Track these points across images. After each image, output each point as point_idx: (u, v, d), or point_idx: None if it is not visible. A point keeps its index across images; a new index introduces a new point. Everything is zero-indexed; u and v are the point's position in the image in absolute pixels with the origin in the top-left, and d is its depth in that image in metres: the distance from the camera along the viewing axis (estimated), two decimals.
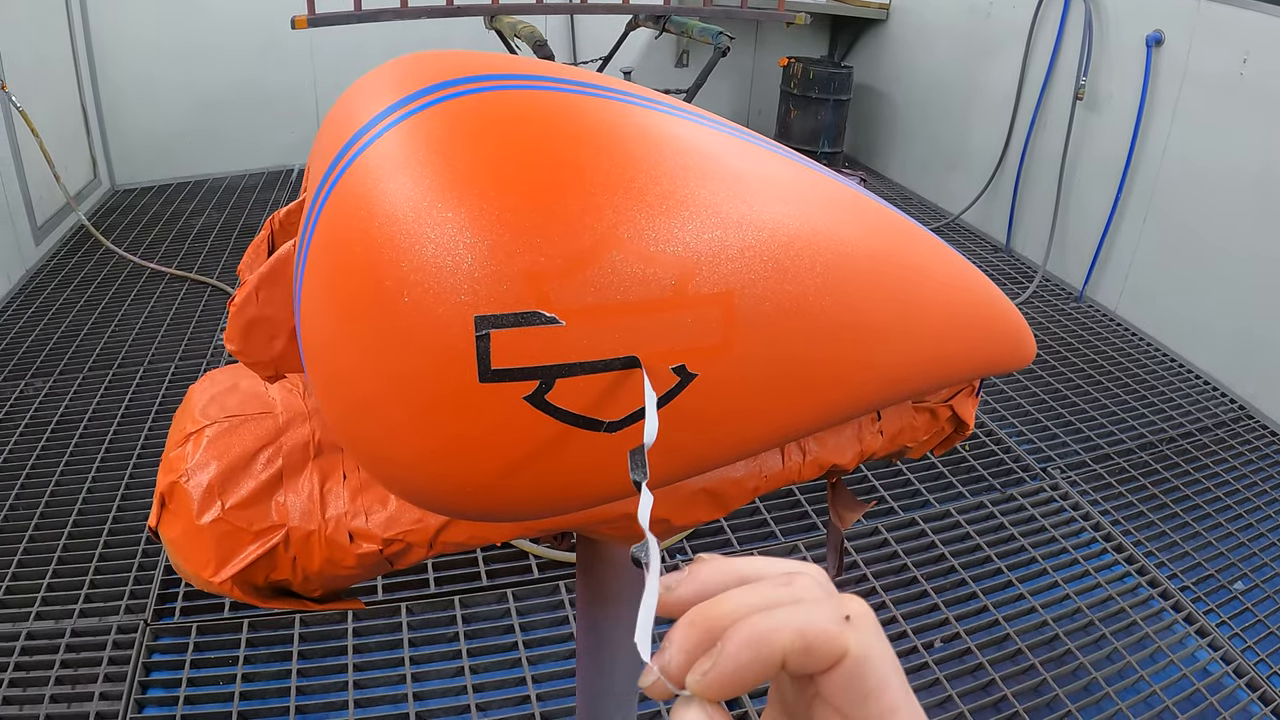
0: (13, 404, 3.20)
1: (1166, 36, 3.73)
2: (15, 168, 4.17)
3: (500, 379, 0.50)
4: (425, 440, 0.52)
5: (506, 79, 0.61)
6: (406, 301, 0.49)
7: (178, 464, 0.77)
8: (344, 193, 0.55)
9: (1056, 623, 2.36)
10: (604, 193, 0.51)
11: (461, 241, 0.49)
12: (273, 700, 2.07)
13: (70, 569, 2.44)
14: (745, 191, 0.59)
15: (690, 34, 3.15)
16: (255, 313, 0.69)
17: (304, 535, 0.73)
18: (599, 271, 0.50)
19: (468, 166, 0.52)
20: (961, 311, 0.79)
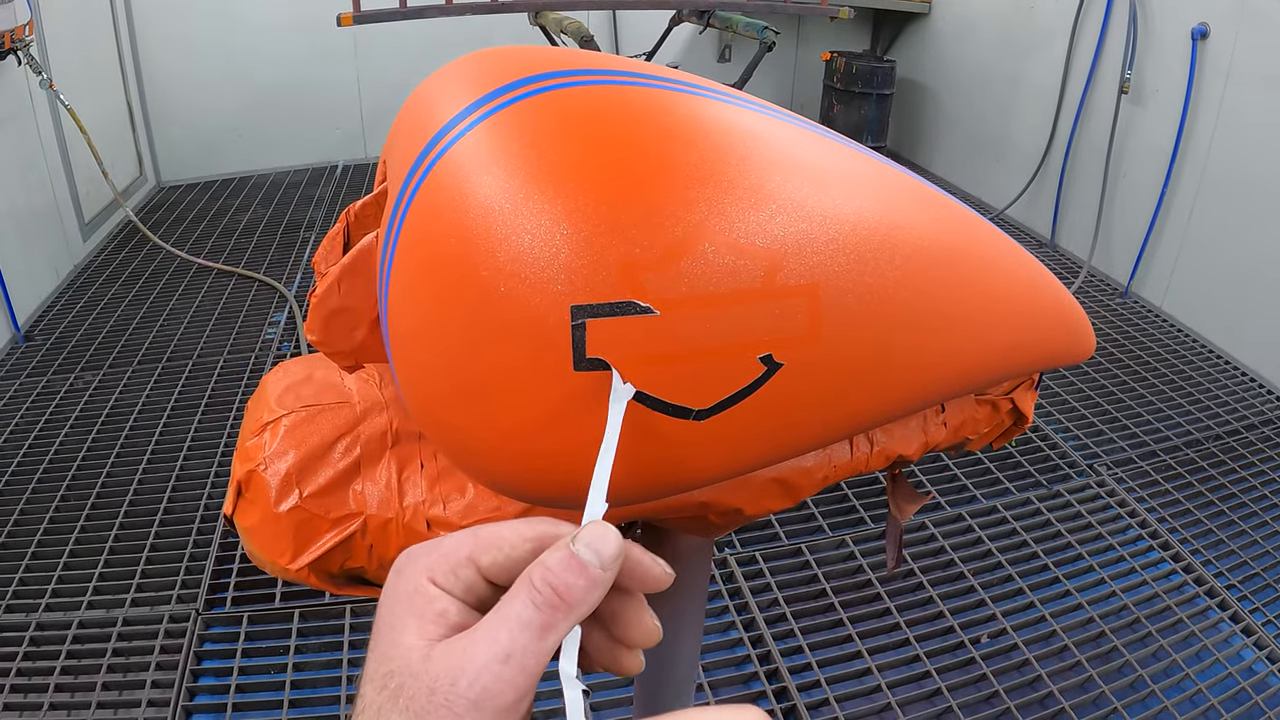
0: (63, 396, 3.26)
1: (1212, 30, 3.68)
2: (63, 165, 4.24)
3: (595, 368, 0.50)
4: (518, 428, 0.53)
5: (585, 74, 0.62)
6: (503, 291, 0.50)
7: (255, 452, 0.78)
8: (435, 186, 0.56)
9: (1103, 620, 2.35)
10: (696, 186, 0.52)
11: (558, 233, 0.50)
12: (324, 689, 2.10)
13: (122, 559, 2.49)
14: (827, 185, 0.59)
15: (735, 29, 3.15)
16: (337, 303, 0.70)
17: (381, 523, 0.74)
18: (691, 263, 0.51)
19: (560, 160, 0.53)
20: (1028, 303, 0.79)
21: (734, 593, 2.41)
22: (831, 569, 2.49)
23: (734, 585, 2.42)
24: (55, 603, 2.34)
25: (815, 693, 2.12)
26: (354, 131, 5.79)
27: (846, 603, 2.37)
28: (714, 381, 0.53)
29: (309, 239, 4.67)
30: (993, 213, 5.05)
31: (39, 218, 4.00)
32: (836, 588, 2.42)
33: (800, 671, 2.18)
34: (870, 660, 2.20)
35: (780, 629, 2.29)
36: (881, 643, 2.26)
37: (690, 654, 1.12)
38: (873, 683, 2.14)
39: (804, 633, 2.28)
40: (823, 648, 2.25)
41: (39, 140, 4.02)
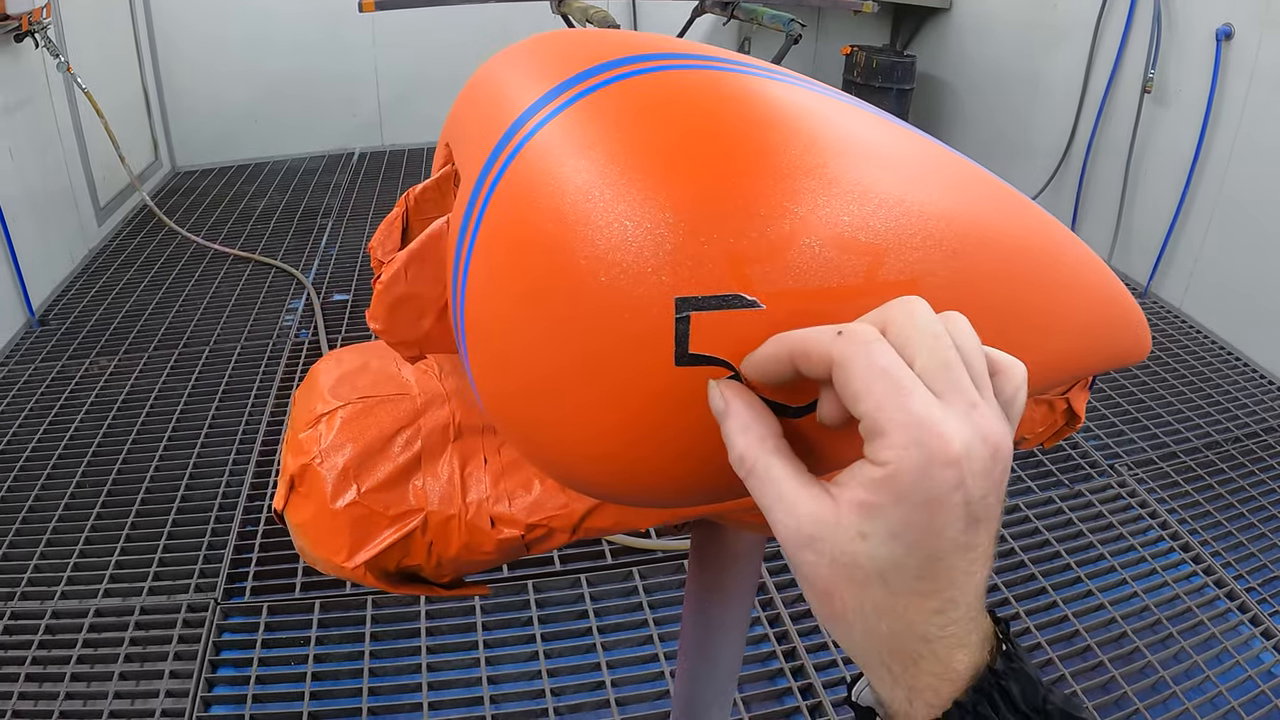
0: (78, 382, 3.24)
1: (1236, 31, 3.65)
2: (79, 149, 4.22)
3: (696, 363, 0.48)
4: (611, 424, 0.51)
5: (663, 58, 0.60)
6: (603, 281, 0.48)
7: (309, 446, 0.76)
8: (524, 171, 0.54)
9: (1125, 620, 2.34)
10: (800, 177, 0.50)
11: (664, 221, 0.47)
12: (345, 681, 2.08)
13: (138, 546, 2.48)
14: (923, 180, 0.57)
15: (760, 20, 3.13)
16: (403, 290, 0.68)
17: (443, 520, 0.72)
18: (797, 256, 0.49)
19: (661, 146, 0.51)
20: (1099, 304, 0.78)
21: (759, 587, 2.39)
22: None
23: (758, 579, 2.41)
24: (71, 590, 2.33)
25: (840, 689, 2.11)
26: (371, 118, 5.77)
27: None
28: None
29: (326, 226, 4.66)
30: None
31: (54, 201, 3.99)
32: None
33: (826, 669, 2.17)
34: None
35: (805, 625, 2.28)
36: None
37: (735, 650, 1.10)
38: None
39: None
40: None
41: (55, 124, 4.01)
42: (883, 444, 0.39)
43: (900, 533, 0.40)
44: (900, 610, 0.41)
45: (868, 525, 0.40)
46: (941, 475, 0.39)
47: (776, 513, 0.42)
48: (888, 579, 0.40)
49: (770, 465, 0.43)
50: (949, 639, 0.41)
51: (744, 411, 0.44)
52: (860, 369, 0.40)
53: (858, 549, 0.40)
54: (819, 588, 0.42)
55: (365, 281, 4.03)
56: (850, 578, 0.40)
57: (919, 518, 0.39)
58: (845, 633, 0.42)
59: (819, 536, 0.41)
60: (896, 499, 0.39)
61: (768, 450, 0.43)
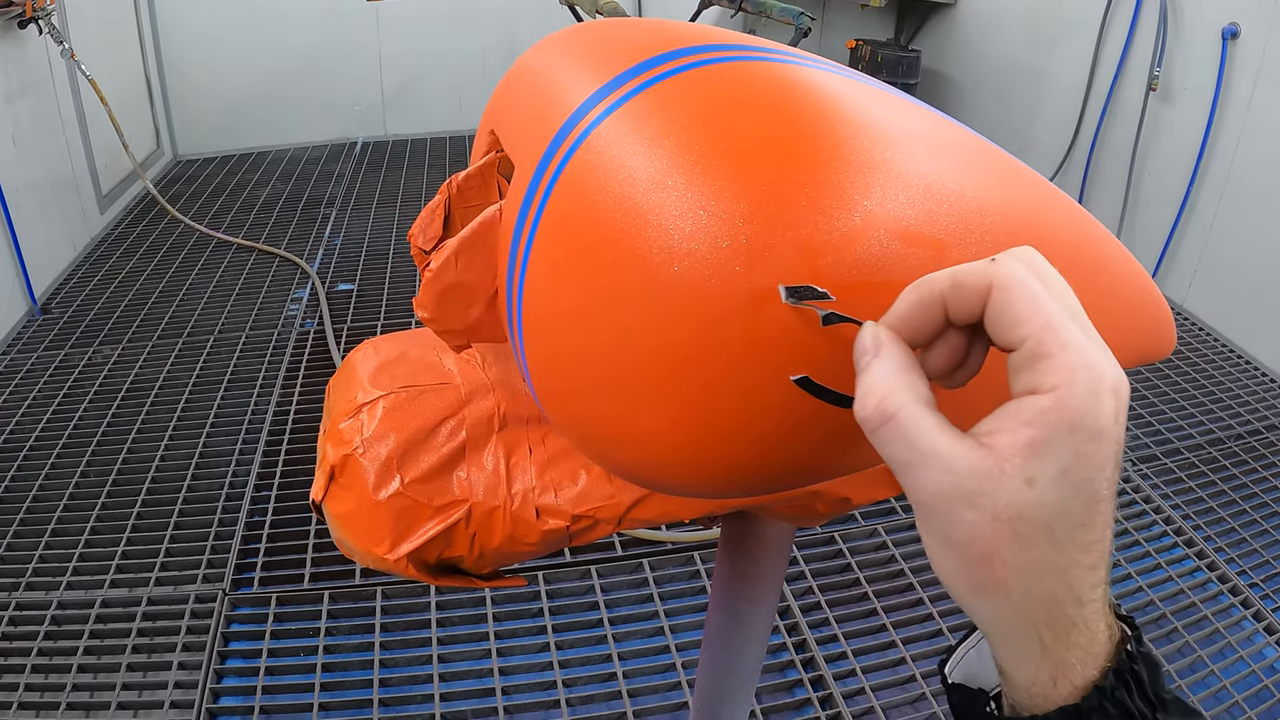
0: (81, 370, 3.23)
1: (1242, 30, 3.65)
2: (82, 137, 4.21)
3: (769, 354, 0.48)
4: (682, 415, 0.51)
5: (715, 50, 0.60)
6: (676, 271, 0.48)
7: (350, 435, 0.76)
8: (589, 163, 0.54)
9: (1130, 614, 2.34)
10: (868, 171, 0.50)
11: (738, 212, 0.47)
12: (355, 672, 2.08)
13: (144, 537, 2.47)
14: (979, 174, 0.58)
15: (769, 13, 3.12)
16: (453, 279, 0.67)
17: (487, 511, 0.72)
18: (867, 249, 0.49)
19: (730, 137, 0.51)
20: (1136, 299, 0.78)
21: None
22: (865, 558, 2.48)
23: None
24: (77, 581, 2.32)
25: (851, 681, 2.12)
26: (374, 108, 5.75)
27: (880, 592, 2.37)
28: None
29: (329, 215, 4.65)
30: None
31: (57, 189, 3.98)
32: (870, 577, 2.42)
33: (836, 660, 2.17)
34: (904, 650, 2.20)
35: (815, 618, 2.28)
36: (915, 633, 2.26)
37: (760, 644, 1.10)
38: (907, 672, 2.14)
39: (839, 621, 2.27)
40: (857, 636, 2.24)
41: (58, 111, 3.99)
42: (1049, 367, 0.38)
43: (1070, 469, 0.38)
44: (1062, 566, 0.39)
45: (1035, 467, 0.38)
46: (1108, 403, 0.38)
47: (927, 468, 0.39)
48: (1054, 529, 0.38)
49: (920, 416, 0.40)
50: (1097, 603, 0.40)
51: (898, 354, 0.42)
52: (1025, 291, 0.39)
53: (1024, 498, 0.38)
54: (976, 551, 0.39)
55: (369, 271, 4.02)
56: (1014, 533, 0.38)
57: (1089, 449, 0.38)
58: (1002, 601, 0.40)
59: (980, 490, 0.38)
60: (1070, 428, 0.37)
61: (918, 399, 0.40)
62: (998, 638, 0.42)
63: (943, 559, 0.41)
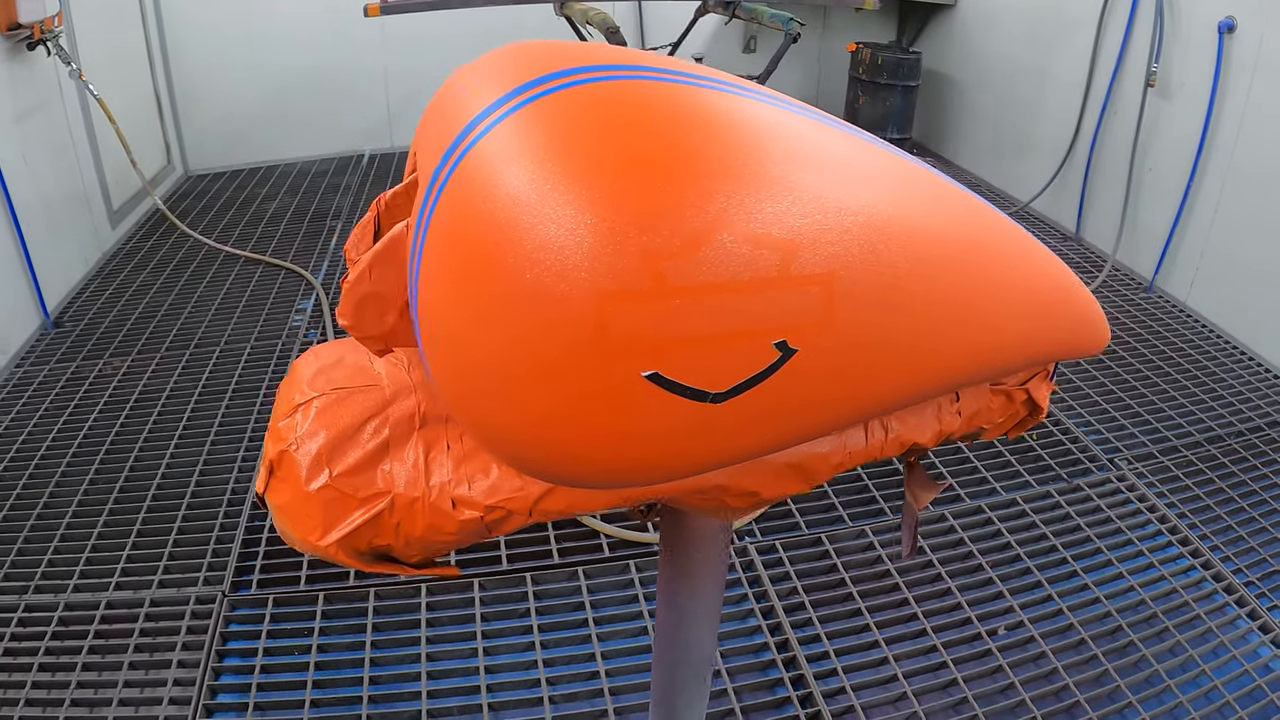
0: (92, 382, 3.31)
1: (1239, 23, 3.65)
2: (92, 154, 4.29)
3: (618, 353, 0.52)
4: (535, 406, 0.55)
5: (611, 69, 0.64)
6: (529, 278, 0.52)
7: (286, 433, 0.81)
8: (465, 178, 0.59)
9: (1120, 614, 2.34)
10: (716, 178, 0.54)
11: (583, 222, 0.52)
12: (347, 671, 2.13)
13: (149, 540, 2.54)
14: (843, 178, 0.61)
15: (760, 20, 3.15)
16: (368, 289, 0.72)
17: (408, 502, 0.77)
18: (710, 252, 0.53)
19: (586, 153, 0.55)
20: (1041, 296, 0.81)
21: (753, 580, 2.43)
22: (851, 559, 2.50)
23: (754, 574, 2.45)
24: (84, 583, 2.39)
25: (832, 680, 2.14)
26: (380, 121, 5.82)
27: (865, 593, 2.39)
28: (731, 366, 0.55)
29: (335, 228, 4.72)
30: (1017, 206, 5.04)
31: (68, 206, 4.06)
32: (855, 578, 2.44)
33: (818, 660, 2.20)
34: (887, 650, 2.22)
35: (798, 617, 2.31)
36: (899, 633, 2.28)
37: (708, 636, 1.14)
38: (889, 672, 2.16)
39: (822, 621, 2.30)
40: (840, 636, 2.27)
41: (68, 130, 4.07)
42: None
43: None
44: None
45: None
46: None
47: None
48: None
49: None
50: None
51: None
52: None
53: None
54: None
55: None
56: None
57: None
58: None
59: None
60: None
61: None
62: None
63: None
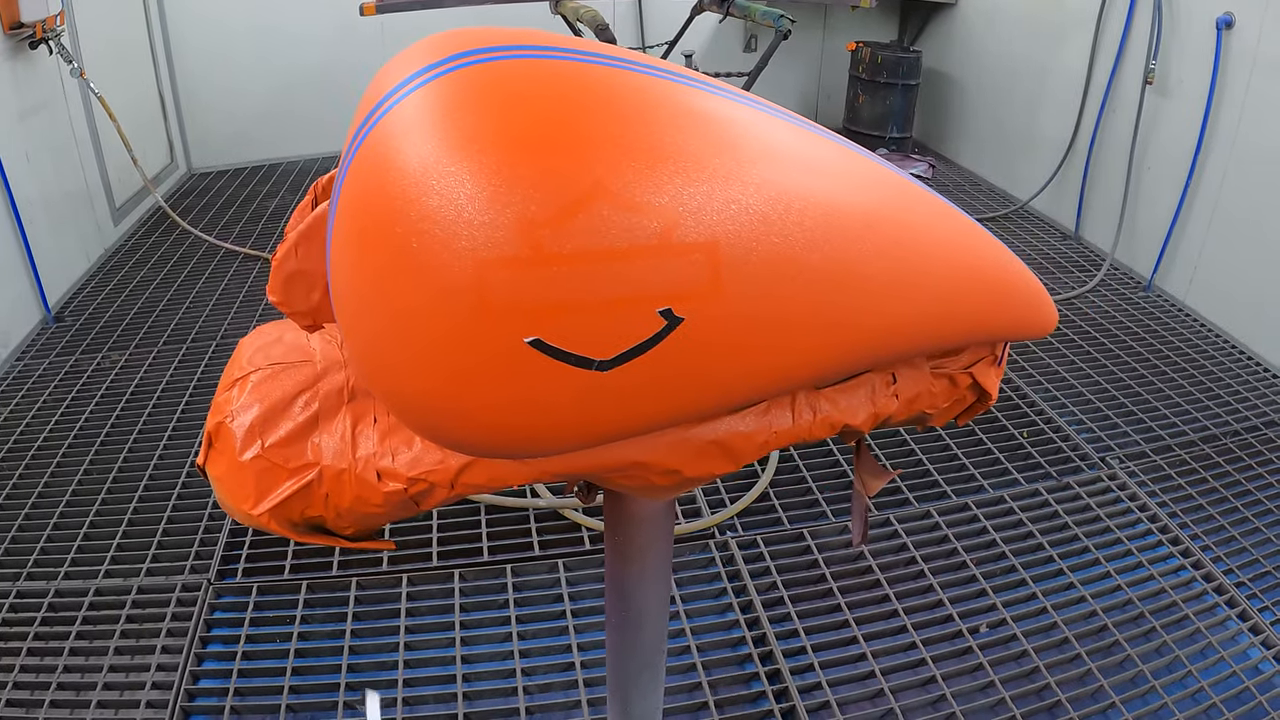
0: (90, 375, 3.34)
1: (1237, 20, 3.64)
2: (95, 152, 4.33)
3: (500, 320, 0.54)
4: (430, 374, 0.57)
5: (522, 49, 0.65)
6: (415, 247, 0.54)
7: (224, 406, 0.83)
8: (366, 152, 0.60)
9: (1106, 614, 2.33)
10: (593, 148, 0.56)
11: (463, 193, 0.53)
12: (327, 659, 2.15)
13: (139, 530, 2.57)
14: (736, 151, 0.62)
15: (753, 17, 3.16)
16: (294, 267, 0.74)
17: (336, 473, 0.79)
18: (588, 220, 0.54)
19: (471, 126, 0.56)
20: (964, 273, 0.81)
21: (733, 575, 2.44)
22: (833, 554, 2.50)
23: (734, 568, 2.45)
24: (74, 571, 2.42)
25: (809, 675, 2.14)
26: None
27: (846, 589, 2.39)
28: (615, 334, 0.56)
29: None
30: (1016, 204, 5.03)
31: (71, 203, 4.09)
32: (837, 573, 2.44)
33: (795, 654, 2.20)
34: (866, 646, 2.22)
35: (777, 612, 2.32)
36: (878, 629, 2.28)
37: (657, 621, 1.15)
38: (866, 668, 2.16)
39: (801, 617, 2.30)
40: (819, 632, 2.27)
41: (70, 128, 4.11)
42: None
43: None
44: None
45: None
46: None
47: None
48: None
49: None
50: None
51: None
52: None
53: None
54: None
55: None
56: None
57: None
58: None
59: None
60: None
61: None
62: None
63: None
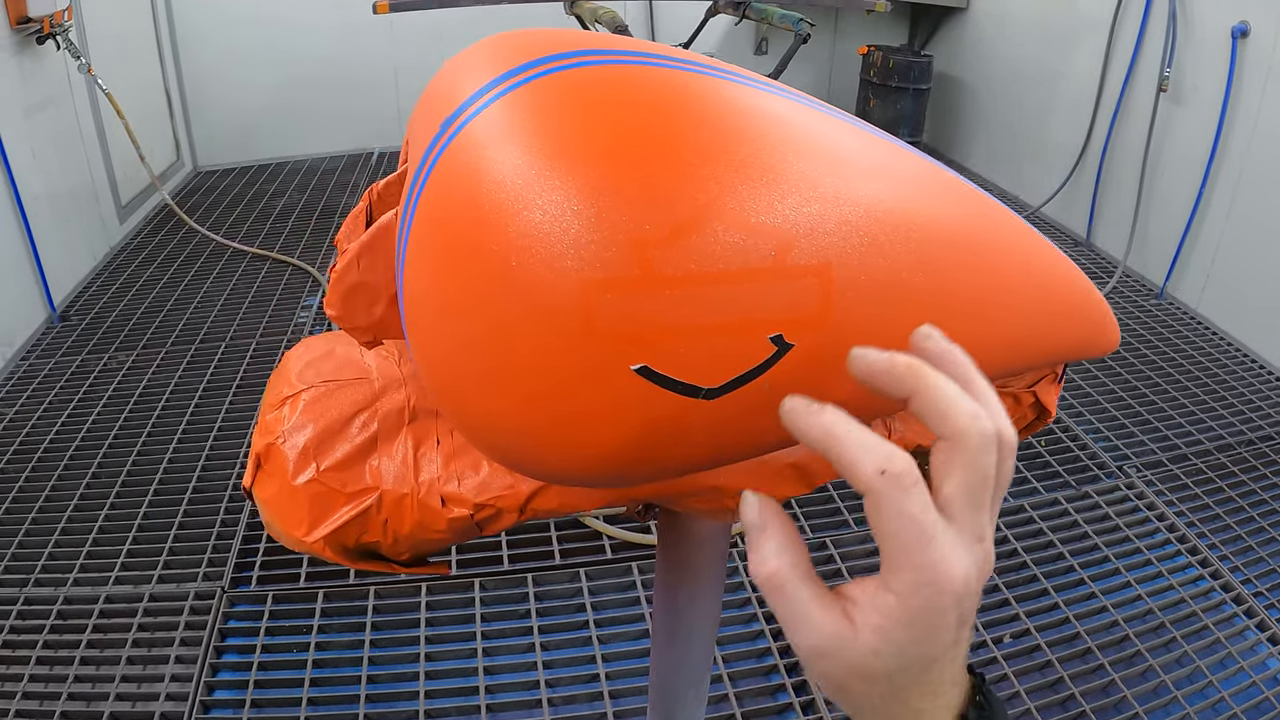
0: (97, 376, 3.30)
1: (1252, 28, 3.62)
2: (101, 149, 4.29)
3: (605, 344, 0.51)
4: (526, 403, 0.54)
5: (601, 54, 0.62)
6: (513, 265, 0.50)
7: (274, 426, 0.79)
8: (450, 162, 0.57)
9: (1127, 623, 2.32)
10: (707, 164, 0.52)
11: (568, 209, 0.50)
12: (345, 669, 2.12)
13: (150, 535, 2.53)
14: (842, 167, 0.59)
15: (770, 20, 3.14)
16: (356, 279, 0.71)
17: (396, 498, 0.75)
18: (701, 240, 0.51)
19: (572, 136, 0.53)
20: (1048, 294, 0.78)
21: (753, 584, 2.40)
22: (856, 564, 2.48)
23: None
24: (83, 578, 2.38)
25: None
26: (390, 118, 5.82)
27: None
28: (724, 360, 0.53)
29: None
30: (1028, 210, 5.01)
31: (77, 200, 4.06)
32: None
33: None
34: None
35: None
36: None
37: (706, 639, 1.12)
38: None
39: None
40: None
41: (77, 124, 4.07)
42: (898, 579, 0.46)
43: (907, 648, 0.47)
44: (902, 697, 0.49)
45: (880, 644, 0.46)
46: (943, 605, 0.46)
47: (800, 629, 0.48)
48: (893, 679, 0.48)
49: (799, 589, 0.48)
50: (939, 709, 0.50)
51: (781, 533, 0.49)
52: (891, 513, 0.45)
53: (869, 663, 0.47)
54: (834, 684, 0.49)
55: None
56: (863, 678, 0.48)
57: (923, 636, 0.47)
58: (855, 712, 0.50)
59: (839, 651, 0.47)
60: (906, 625, 0.46)
61: (799, 575, 0.48)
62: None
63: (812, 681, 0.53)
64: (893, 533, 0.45)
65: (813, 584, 0.49)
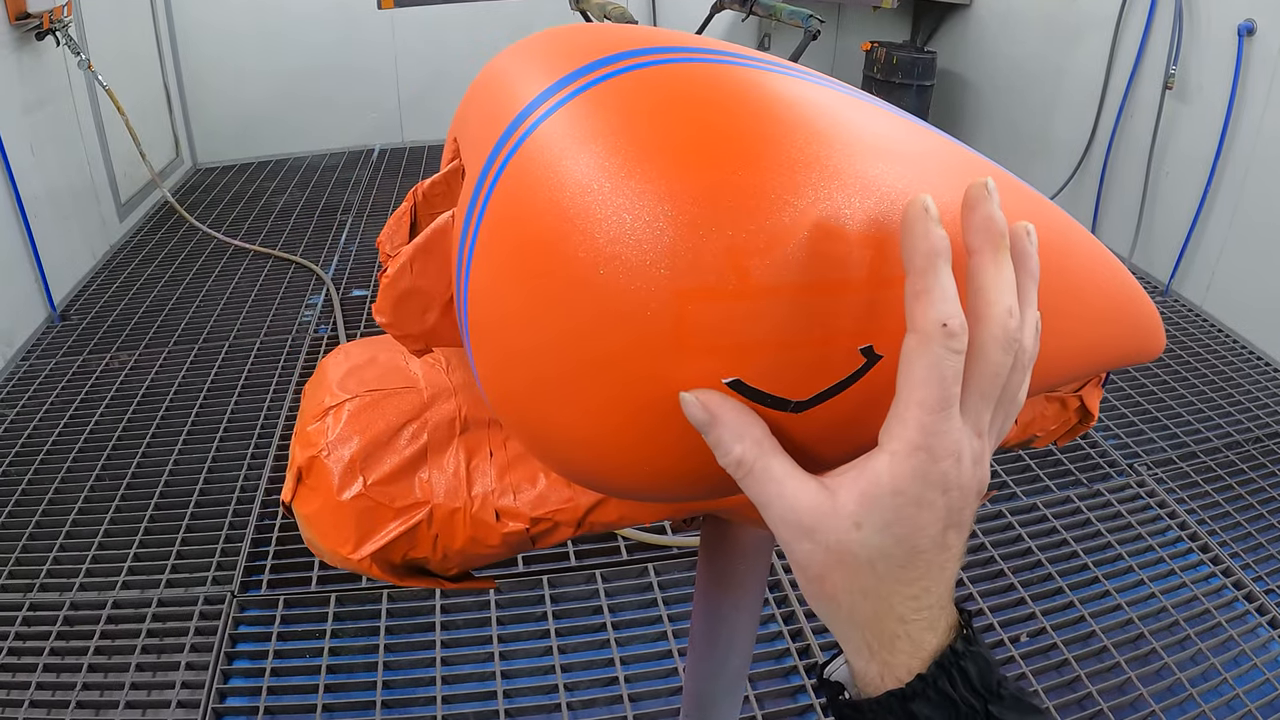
0: (99, 376, 3.27)
1: (1259, 26, 3.61)
2: (101, 146, 4.26)
3: (697, 356, 0.48)
4: (614, 419, 0.51)
5: (667, 51, 0.60)
6: (602, 274, 0.48)
7: (316, 438, 0.76)
8: (526, 164, 0.54)
9: (1142, 621, 2.32)
10: (801, 171, 0.50)
11: (661, 215, 0.47)
12: (359, 674, 2.09)
13: (157, 539, 2.50)
14: (928, 175, 0.57)
15: (778, 17, 3.12)
16: (409, 285, 0.68)
17: (448, 513, 0.72)
18: (798, 249, 0.48)
19: (661, 139, 0.50)
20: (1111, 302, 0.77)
21: (774, 585, 2.40)
22: None
23: (774, 578, 2.41)
24: (90, 582, 2.35)
25: None
26: (391, 116, 5.79)
27: None
28: (814, 372, 0.51)
29: (345, 222, 4.68)
30: None
31: (76, 198, 4.02)
32: None
33: None
34: None
35: (819, 622, 2.27)
36: None
37: (745, 648, 1.10)
38: None
39: None
40: None
41: (76, 121, 4.04)
42: (899, 436, 0.44)
43: (891, 524, 0.45)
44: (884, 594, 0.46)
45: (863, 516, 0.45)
46: (934, 478, 0.44)
47: (776, 507, 0.47)
48: (876, 566, 0.45)
49: (770, 465, 0.47)
50: (921, 622, 0.46)
51: (734, 419, 0.47)
52: (929, 363, 0.44)
53: (851, 538, 0.45)
54: (813, 572, 0.46)
55: None
56: (842, 563, 0.45)
57: (908, 513, 0.45)
58: (833, 611, 0.48)
59: (817, 526, 0.45)
60: (893, 492, 0.44)
61: (765, 451, 0.47)
62: (836, 636, 0.49)
63: (796, 575, 0.49)
64: (919, 382, 0.44)
65: (782, 458, 0.47)
